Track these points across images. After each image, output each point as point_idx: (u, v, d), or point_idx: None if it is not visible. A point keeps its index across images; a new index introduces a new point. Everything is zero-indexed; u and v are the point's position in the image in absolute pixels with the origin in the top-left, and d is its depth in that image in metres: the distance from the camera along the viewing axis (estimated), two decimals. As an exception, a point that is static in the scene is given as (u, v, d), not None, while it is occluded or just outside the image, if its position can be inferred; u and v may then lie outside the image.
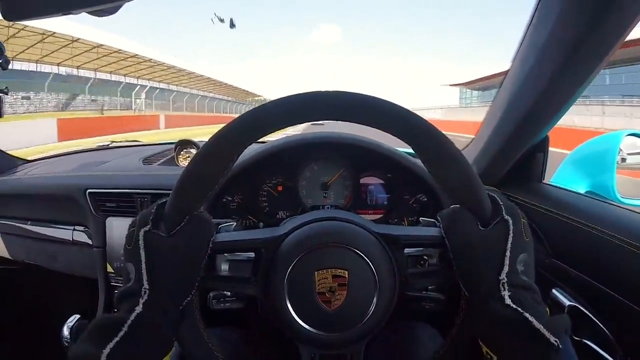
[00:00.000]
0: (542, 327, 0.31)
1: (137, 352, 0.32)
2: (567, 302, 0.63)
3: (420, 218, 0.49)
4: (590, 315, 0.60)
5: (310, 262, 0.38)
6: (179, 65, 25.08)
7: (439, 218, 0.41)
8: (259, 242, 0.40)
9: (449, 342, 0.40)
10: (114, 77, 23.46)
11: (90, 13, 0.41)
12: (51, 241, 1.08)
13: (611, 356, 0.57)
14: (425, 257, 0.46)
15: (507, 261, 0.34)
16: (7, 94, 1.06)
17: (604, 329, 0.58)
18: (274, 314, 0.39)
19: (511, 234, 0.35)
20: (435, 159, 0.38)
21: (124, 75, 24.12)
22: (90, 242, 1.02)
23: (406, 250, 0.42)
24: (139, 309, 0.33)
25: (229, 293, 0.58)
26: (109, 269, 0.99)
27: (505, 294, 0.33)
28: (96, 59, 19.39)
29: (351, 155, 0.79)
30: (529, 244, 0.37)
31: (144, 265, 0.34)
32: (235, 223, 0.45)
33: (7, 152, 1.27)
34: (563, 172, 0.85)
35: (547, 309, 0.36)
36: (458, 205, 0.40)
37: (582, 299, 0.62)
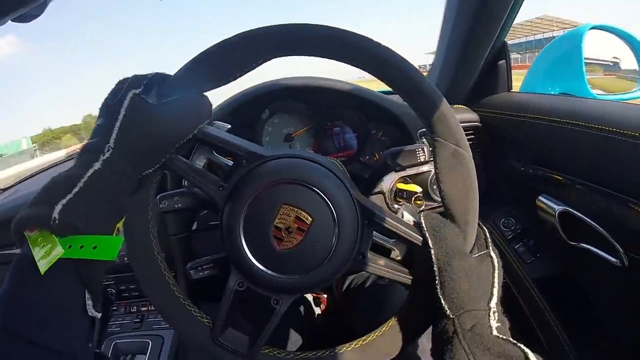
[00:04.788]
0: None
1: (90, 212, 0.29)
2: (557, 207, 0.58)
3: (403, 211, 0.45)
4: (583, 216, 0.55)
5: (283, 192, 0.36)
6: None
7: (422, 221, 0.38)
8: (243, 150, 0.38)
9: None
10: None
11: (16, 20, 0.34)
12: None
13: (610, 255, 0.52)
14: (387, 248, 0.42)
15: (495, 292, 0.34)
16: None
17: (599, 227, 0.53)
18: (223, 231, 0.37)
19: (497, 271, 0.36)
20: (446, 163, 0.36)
21: None
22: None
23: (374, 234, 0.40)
24: (97, 165, 0.30)
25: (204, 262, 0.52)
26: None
27: (494, 323, 0.32)
28: None
29: (312, 100, 0.74)
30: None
31: (118, 123, 0.32)
32: (230, 126, 0.43)
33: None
34: (530, 81, 0.79)
35: None
36: (444, 218, 0.38)
37: (571, 200, 0.57)
